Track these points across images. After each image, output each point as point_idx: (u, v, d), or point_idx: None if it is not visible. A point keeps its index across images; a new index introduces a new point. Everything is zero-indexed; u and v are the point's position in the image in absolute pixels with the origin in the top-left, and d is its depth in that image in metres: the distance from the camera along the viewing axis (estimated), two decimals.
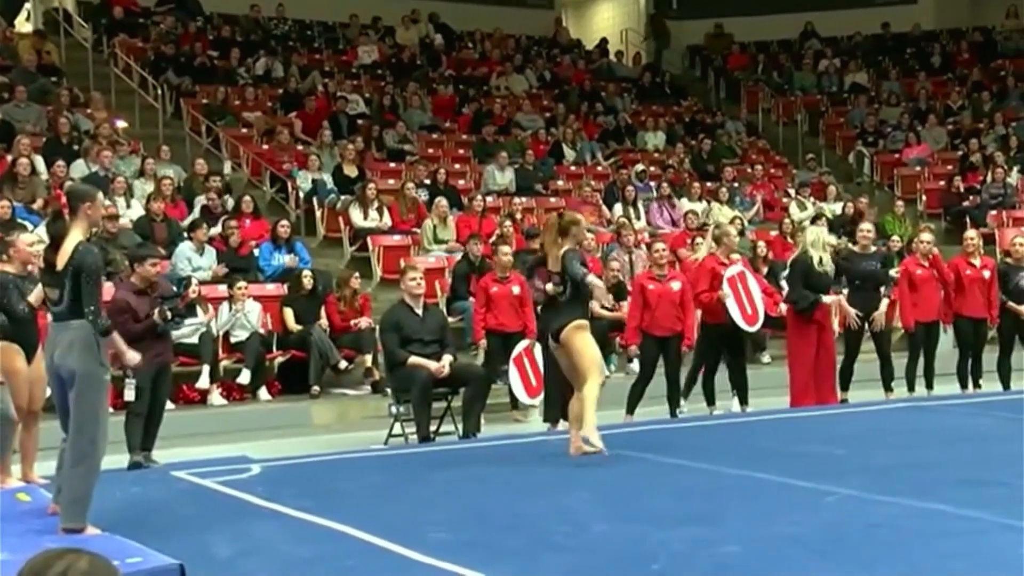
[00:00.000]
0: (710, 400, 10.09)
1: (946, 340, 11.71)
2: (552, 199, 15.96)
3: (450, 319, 11.05)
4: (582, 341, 7.35)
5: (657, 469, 7.09)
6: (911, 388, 10.93)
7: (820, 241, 9.98)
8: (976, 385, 11.07)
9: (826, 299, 9.89)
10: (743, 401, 10.11)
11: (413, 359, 8.82)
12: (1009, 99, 20.75)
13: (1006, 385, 11.00)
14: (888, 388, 10.56)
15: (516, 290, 10.26)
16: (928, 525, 5.35)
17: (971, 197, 17.33)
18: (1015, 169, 17.99)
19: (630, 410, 9.80)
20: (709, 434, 7.85)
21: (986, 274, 11.01)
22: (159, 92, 16.62)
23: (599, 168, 17.68)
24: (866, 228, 10.81)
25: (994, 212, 16.89)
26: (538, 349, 9.58)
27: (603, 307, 11.60)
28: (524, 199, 15.43)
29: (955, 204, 17.32)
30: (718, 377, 10.14)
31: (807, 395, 9.87)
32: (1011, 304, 10.97)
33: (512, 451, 8.18)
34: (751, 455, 7.49)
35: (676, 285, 9.88)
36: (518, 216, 14.24)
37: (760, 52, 23.70)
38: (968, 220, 16.82)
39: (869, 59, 23.03)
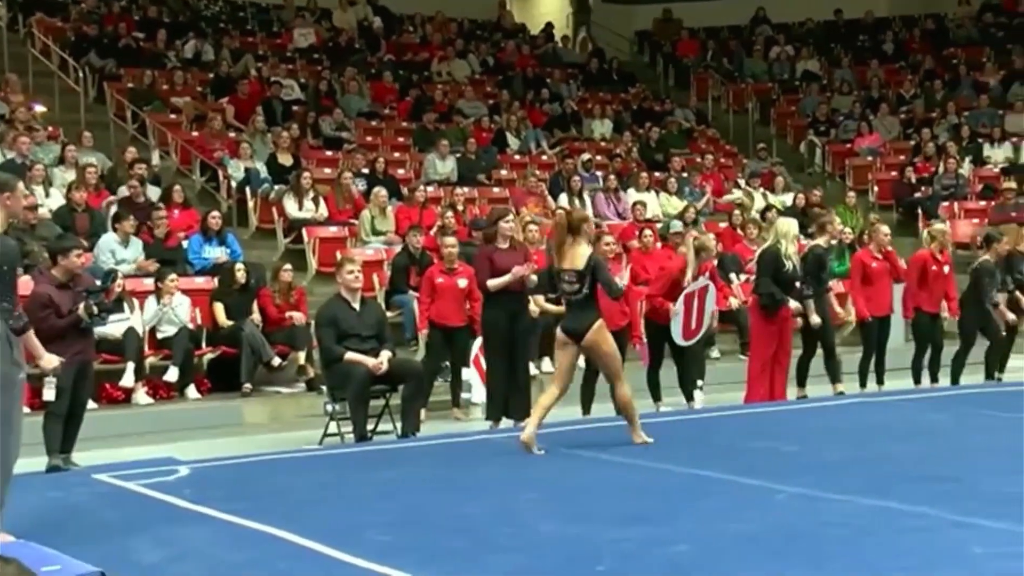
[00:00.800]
0: (656, 396, 10.15)
1: (897, 335, 11.89)
2: (495, 189, 15.96)
3: (389, 313, 11.01)
4: (609, 344, 7.75)
5: (604, 467, 7.12)
6: (863, 384, 11.07)
7: (791, 233, 10.09)
8: (934, 380, 11.25)
9: (792, 304, 10.02)
10: (689, 397, 10.20)
11: (350, 355, 8.77)
12: (961, 88, 21.10)
13: (956, 380, 11.19)
14: (836, 381, 10.69)
15: (463, 283, 10.23)
16: (879, 522, 5.42)
17: (923, 188, 17.61)
18: (967, 160, 18.30)
19: (586, 409, 9.83)
20: (657, 431, 7.90)
21: (946, 269, 11.20)
22: (81, 75, 16.35)
23: (544, 157, 17.70)
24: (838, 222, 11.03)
25: (946, 204, 17.17)
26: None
27: (548, 300, 11.64)
28: (466, 189, 15.42)
29: (907, 195, 17.59)
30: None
31: (760, 388, 10.00)
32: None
33: (453, 450, 8.17)
34: (700, 452, 7.55)
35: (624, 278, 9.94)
36: (460, 207, 14.21)
37: (710, 38, 23.88)
38: (920, 212, 17.11)
39: (821, 46, 23.31)
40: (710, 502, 6.05)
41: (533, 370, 10.92)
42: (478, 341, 9.84)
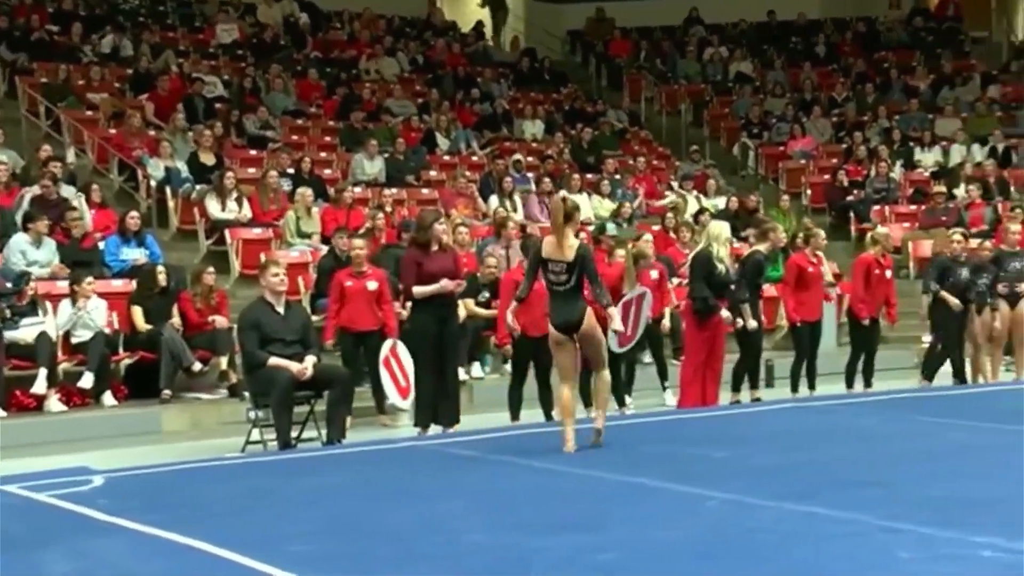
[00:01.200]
0: (585, 402, 10.17)
1: (829, 339, 12.10)
2: (424, 190, 15.94)
3: (314, 317, 10.92)
4: (599, 331, 7.90)
5: (533, 474, 7.13)
6: (794, 388, 11.24)
7: (722, 236, 10.20)
8: (867, 384, 11.44)
9: (723, 314, 10.16)
10: (620, 403, 10.27)
11: (273, 360, 8.70)
12: (892, 92, 21.54)
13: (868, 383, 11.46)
14: (754, 387, 10.83)
15: (372, 286, 10.20)
16: (808, 528, 5.50)
17: (855, 192, 17.92)
18: (898, 164, 18.68)
19: (514, 416, 9.84)
20: (586, 437, 7.94)
21: (888, 273, 11.43)
22: None
23: (474, 158, 17.72)
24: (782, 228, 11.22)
25: (877, 207, 17.51)
26: (403, 348, 9.56)
27: (478, 303, 11.67)
28: (395, 190, 15.38)
29: (839, 199, 17.88)
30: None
31: (693, 393, 10.10)
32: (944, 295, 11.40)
33: (380, 458, 8.14)
34: (630, 458, 7.60)
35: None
36: (388, 208, 14.17)
37: (643, 38, 24.11)
38: (853, 215, 17.42)
39: (754, 48, 23.63)
40: (640, 509, 6.09)
41: (463, 375, 10.93)
42: (388, 342, 9.81)
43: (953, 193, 17.35)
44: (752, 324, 10.44)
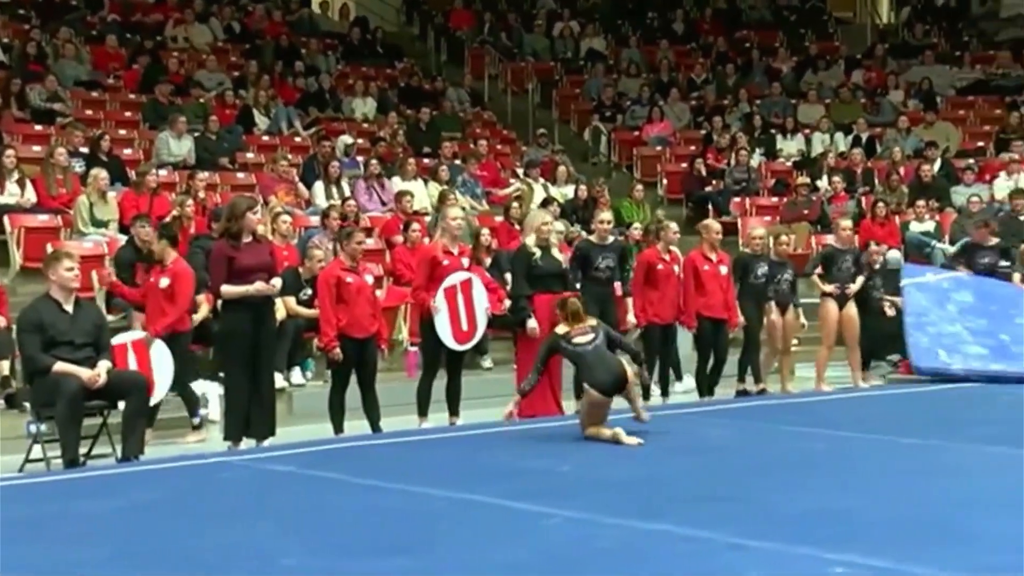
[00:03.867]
0: (423, 411, 10.25)
1: (686, 342, 12.41)
2: (240, 175, 15.77)
3: (110, 317, 10.70)
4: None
5: (356, 492, 7.14)
6: (645, 396, 11.47)
7: (544, 226, 10.31)
8: (709, 392, 11.76)
9: (530, 324, 10.29)
10: (453, 412, 10.31)
11: (59, 366, 8.49)
12: (754, 74, 22.21)
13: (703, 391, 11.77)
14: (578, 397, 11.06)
15: (164, 283, 10.10)
16: (654, 546, 5.65)
17: (714, 182, 18.38)
18: (758, 152, 19.23)
19: (338, 427, 9.80)
20: (415, 451, 7.99)
21: (723, 269, 11.70)
22: None
23: (297, 139, 17.61)
24: (605, 218, 11.30)
25: (737, 199, 17.99)
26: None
27: (300, 302, 11.58)
28: (206, 174, 15.11)
29: (697, 189, 18.31)
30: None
31: (531, 404, 10.19)
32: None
33: (184, 476, 8.02)
34: (464, 474, 7.67)
35: (370, 279, 10.02)
36: (201, 195, 13.94)
37: (487, 9, 24.24)
38: (711, 207, 17.85)
39: (608, 23, 24.02)
40: (475, 529, 6.15)
41: (281, 382, 10.86)
42: (135, 335, 9.74)
43: (816, 185, 17.98)
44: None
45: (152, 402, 9.52)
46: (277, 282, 9.33)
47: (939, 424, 9.65)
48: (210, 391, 10.67)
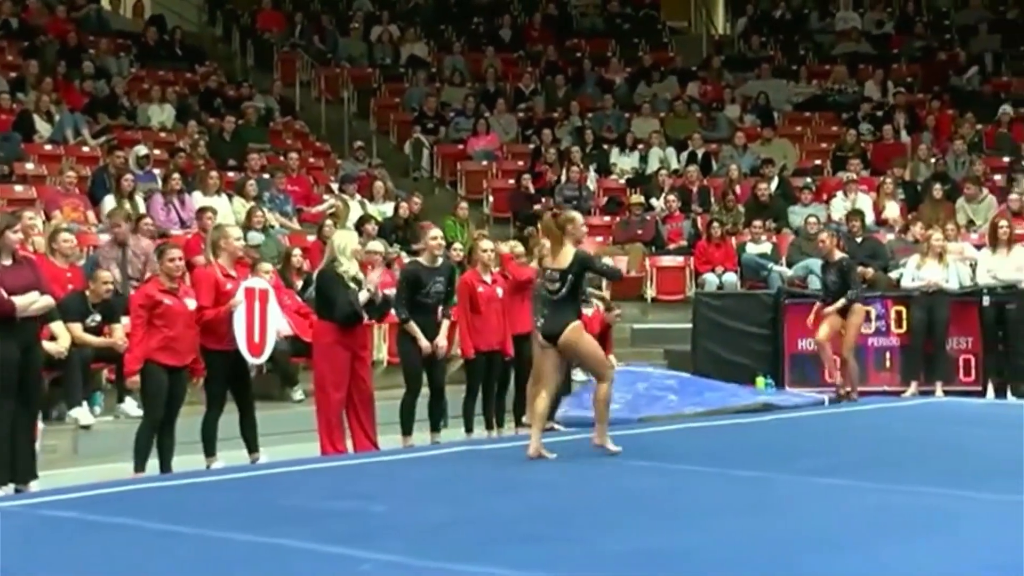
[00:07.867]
0: (208, 451, 9.95)
1: None
2: (18, 188, 15.41)
3: None
4: (587, 345, 9.49)
5: (148, 538, 6.95)
6: (468, 428, 11.52)
7: (348, 248, 10.27)
8: (499, 425, 11.76)
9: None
10: (252, 448, 10.11)
11: None
12: (585, 85, 22.56)
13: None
14: (436, 428, 11.06)
15: None
16: None
17: (543, 199, 18.57)
18: (591, 168, 19.49)
19: (140, 466, 9.52)
20: (209, 493, 7.83)
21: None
22: None
23: (85, 149, 17.27)
24: (436, 235, 11.30)
25: None
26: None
27: (87, 328, 11.25)
28: None
29: (525, 207, 18.45)
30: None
31: (338, 440, 10.12)
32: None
33: None
34: (269, 516, 7.56)
35: (191, 303, 9.76)
36: None
37: (298, 10, 24.12)
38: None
39: (430, 28, 24.12)
40: None
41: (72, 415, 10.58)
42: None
43: (651, 203, 18.32)
44: (425, 344, 10.66)
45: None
46: (46, 299, 8.91)
47: (771, 456, 9.92)
48: None
